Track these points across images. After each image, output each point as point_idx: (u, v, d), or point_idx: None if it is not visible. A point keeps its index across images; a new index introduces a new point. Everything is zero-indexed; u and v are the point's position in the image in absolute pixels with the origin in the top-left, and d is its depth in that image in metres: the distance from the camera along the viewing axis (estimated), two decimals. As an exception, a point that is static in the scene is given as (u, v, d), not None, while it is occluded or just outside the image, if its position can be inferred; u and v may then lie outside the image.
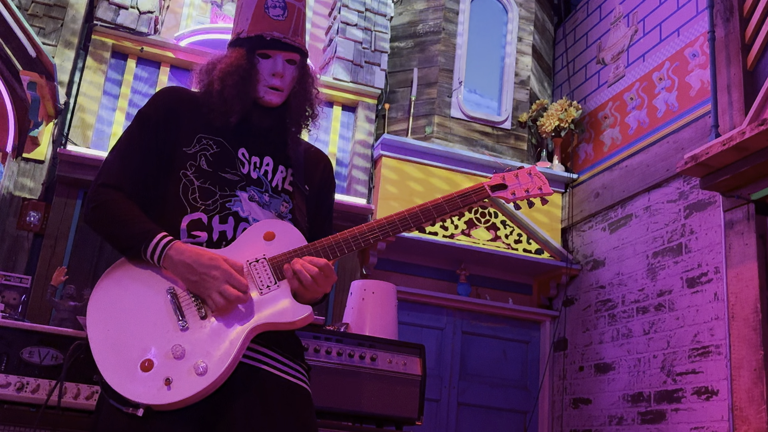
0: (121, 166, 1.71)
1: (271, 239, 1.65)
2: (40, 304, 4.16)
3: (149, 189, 1.71)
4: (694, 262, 4.18)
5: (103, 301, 1.60)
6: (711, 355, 3.93)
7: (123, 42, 4.96)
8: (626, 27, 5.37)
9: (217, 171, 1.70)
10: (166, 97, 1.79)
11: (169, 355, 1.51)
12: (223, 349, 1.52)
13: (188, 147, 1.72)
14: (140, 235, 1.60)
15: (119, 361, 1.52)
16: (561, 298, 5.40)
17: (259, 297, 1.59)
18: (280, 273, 1.61)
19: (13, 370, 3.08)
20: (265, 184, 1.76)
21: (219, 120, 1.74)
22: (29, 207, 4.48)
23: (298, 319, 1.58)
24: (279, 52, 1.76)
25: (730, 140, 3.53)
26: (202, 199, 1.67)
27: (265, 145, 1.80)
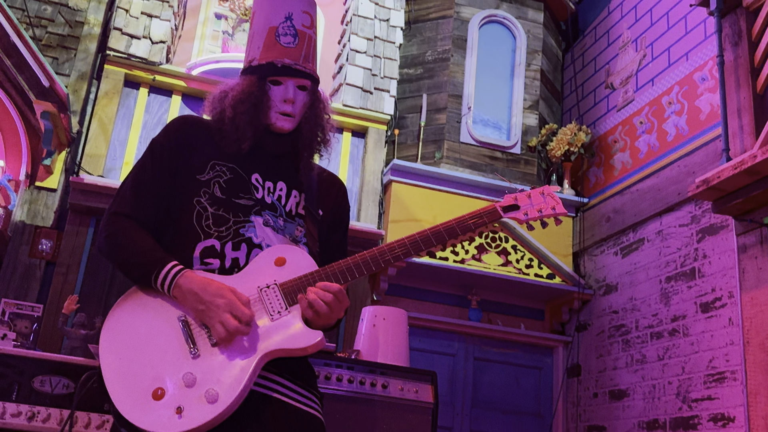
0: (134, 194, 1.73)
1: (282, 264, 1.65)
2: (52, 332, 4.17)
3: (163, 217, 1.73)
4: (707, 286, 4.15)
5: (116, 330, 1.61)
6: (727, 381, 3.88)
7: (135, 71, 5.02)
8: (635, 52, 5.39)
9: (231, 197, 1.71)
10: (179, 126, 1.81)
11: (181, 384, 1.51)
12: (234, 376, 1.51)
13: (202, 174, 1.73)
14: (151, 264, 1.61)
15: (131, 389, 1.52)
16: (574, 323, 5.36)
17: (270, 323, 1.59)
18: (292, 299, 1.61)
19: (25, 399, 3.08)
20: (279, 208, 1.77)
21: (231, 147, 1.76)
22: (41, 235, 4.50)
23: (310, 345, 1.57)
24: (290, 78, 1.78)
25: (742, 164, 3.52)
26: (215, 225, 1.68)
27: (279, 171, 1.81)
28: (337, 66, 5.74)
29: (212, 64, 5.05)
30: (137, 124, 5.00)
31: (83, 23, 5.02)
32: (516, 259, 5.25)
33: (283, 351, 1.57)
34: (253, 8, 1.90)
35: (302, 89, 1.81)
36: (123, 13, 5.09)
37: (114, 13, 5.10)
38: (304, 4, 1.87)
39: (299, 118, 1.82)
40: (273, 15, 1.83)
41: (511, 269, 5.22)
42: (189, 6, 5.58)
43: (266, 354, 1.55)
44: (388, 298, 5.05)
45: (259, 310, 1.60)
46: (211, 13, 5.60)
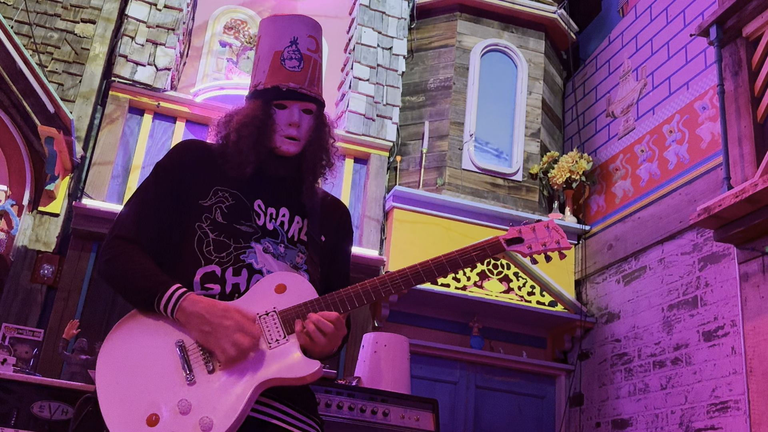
0: (135, 218, 1.72)
1: (282, 291, 1.64)
2: (52, 357, 4.15)
3: (164, 241, 1.72)
4: (710, 315, 4.13)
5: (113, 354, 1.60)
6: (730, 410, 3.85)
7: (140, 98, 5.06)
8: (635, 81, 5.43)
9: (232, 223, 1.71)
10: (183, 151, 1.81)
11: (176, 410, 1.49)
12: (229, 404, 1.50)
13: (204, 200, 1.73)
14: (154, 288, 1.60)
15: (126, 414, 1.51)
16: (576, 351, 5.33)
17: (269, 351, 1.57)
18: (290, 327, 1.60)
19: (24, 425, 3.06)
20: (281, 235, 1.76)
21: (235, 171, 1.75)
22: (43, 260, 4.51)
23: (307, 375, 1.55)
24: (295, 102, 1.78)
25: (743, 192, 3.52)
26: (216, 251, 1.68)
27: (282, 196, 1.80)
28: (340, 93, 5.78)
29: (216, 90, 5.09)
30: (141, 150, 5.02)
31: (89, 50, 5.07)
32: (518, 286, 5.24)
33: (279, 380, 1.55)
34: (259, 33, 1.90)
35: (307, 113, 1.80)
36: (128, 40, 5.14)
37: (119, 41, 5.16)
38: (309, 28, 1.89)
39: (304, 142, 1.80)
40: (278, 39, 1.83)
41: (513, 296, 5.21)
42: (194, 34, 5.64)
43: (263, 383, 1.53)
44: (389, 325, 5.03)
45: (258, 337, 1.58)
46: (216, 40, 5.66)
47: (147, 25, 5.23)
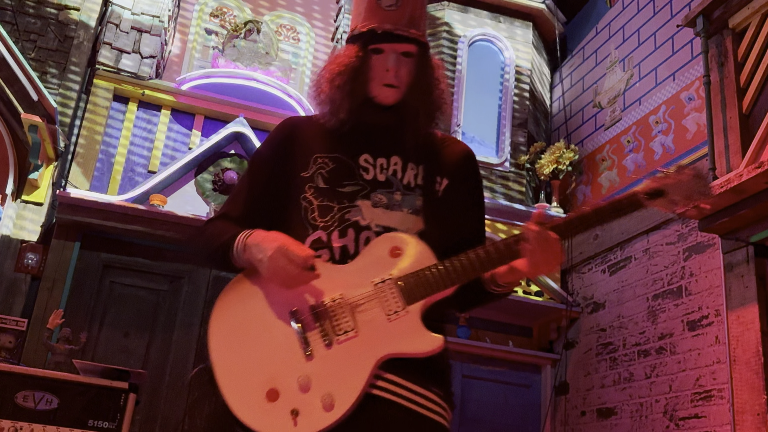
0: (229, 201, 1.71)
1: (397, 255, 1.50)
2: (36, 347, 4.12)
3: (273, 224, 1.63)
4: (694, 304, 4.16)
5: (226, 322, 1.53)
6: (714, 399, 3.88)
7: (124, 86, 5.01)
8: (622, 71, 5.44)
9: (335, 186, 1.61)
10: (278, 132, 1.74)
11: (296, 386, 1.42)
12: (349, 381, 1.42)
13: (305, 171, 1.65)
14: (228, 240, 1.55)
15: (244, 389, 1.45)
16: (561, 341, 5.36)
17: (386, 323, 1.46)
18: (409, 296, 1.47)
19: (8, 415, 3.04)
20: (395, 183, 1.63)
21: (330, 122, 1.66)
22: (27, 249, 4.47)
23: (429, 350, 1.44)
24: (392, 45, 1.63)
25: (728, 182, 3.54)
26: (320, 216, 1.59)
27: (391, 145, 1.67)
28: (327, 82, 5.75)
29: (202, 79, 5.05)
30: (125, 139, 4.98)
31: (73, 37, 5.02)
32: (504, 276, 5.25)
33: (399, 354, 1.44)
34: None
35: (407, 56, 1.65)
36: (113, 27, 5.09)
37: (104, 28, 5.11)
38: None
39: (404, 88, 1.65)
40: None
41: (499, 286, 5.21)
42: (179, 21, 5.59)
43: (382, 357, 1.44)
44: (376, 315, 5.02)
45: (375, 308, 1.47)
46: (202, 28, 5.61)
47: (132, 13, 5.18)
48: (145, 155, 5.01)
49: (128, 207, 4.46)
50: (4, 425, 3.01)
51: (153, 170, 4.95)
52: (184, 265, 4.72)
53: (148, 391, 4.31)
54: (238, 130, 4.96)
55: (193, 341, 4.56)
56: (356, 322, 1.46)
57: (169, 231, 4.53)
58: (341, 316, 1.47)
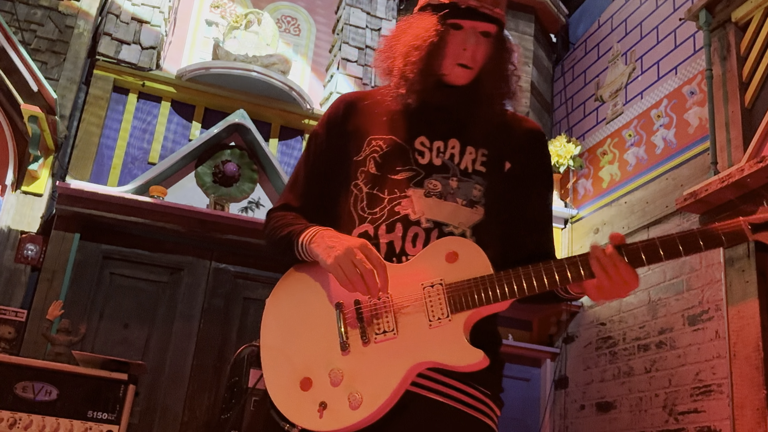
0: (289, 189, 1.67)
1: (453, 261, 1.42)
2: (36, 338, 4.12)
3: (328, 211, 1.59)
4: (695, 299, 4.16)
5: (279, 307, 1.53)
6: (713, 394, 3.88)
7: (125, 77, 4.99)
8: (624, 65, 5.42)
9: (386, 173, 1.52)
10: (333, 111, 1.66)
11: (327, 379, 1.41)
12: (380, 383, 1.37)
13: (358, 154, 1.57)
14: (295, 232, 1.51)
15: (282, 373, 1.45)
16: (561, 334, 5.36)
17: (428, 329, 1.39)
18: (456, 304, 1.39)
19: (7, 406, 3.04)
20: (452, 168, 1.53)
21: (396, 103, 1.56)
22: (27, 240, 4.46)
23: (468, 365, 1.36)
24: (474, 22, 1.52)
25: (729, 177, 3.53)
26: (369, 207, 1.51)
27: (450, 127, 1.56)
28: (329, 75, 5.73)
29: (202, 70, 5.03)
30: (126, 130, 4.97)
31: (73, 28, 5.00)
32: (504, 269, 5.25)
33: (437, 364, 1.38)
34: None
35: (486, 35, 1.54)
36: (113, 18, 5.07)
37: (104, 19, 5.09)
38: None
39: (477, 70, 1.55)
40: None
41: (499, 280, 5.21)
42: (180, 12, 5.56)
43: (419, 364, 1.38)
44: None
45: (419, 312, 1.40)
46: (202, 19, 5.59)
47: (132, 3, 5.15)
48: (145, 146, 5.00)
49: (128, 198, 4.46)
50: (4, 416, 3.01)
51: (153, 162, 4.94)
52: (184, 257, 4.71)
53: (147, 382, 4.31)
54: (238, 121, 4.95)
55: (193, 333, 4.56)
56: (397, 324, 1.41)
57: (169, 222, 4.52)
58: (384, 315, 1.42)
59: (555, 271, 1.38)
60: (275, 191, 5.10)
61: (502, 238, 1.53)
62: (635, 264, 1.35)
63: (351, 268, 1.38)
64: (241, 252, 4.76)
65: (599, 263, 1.35)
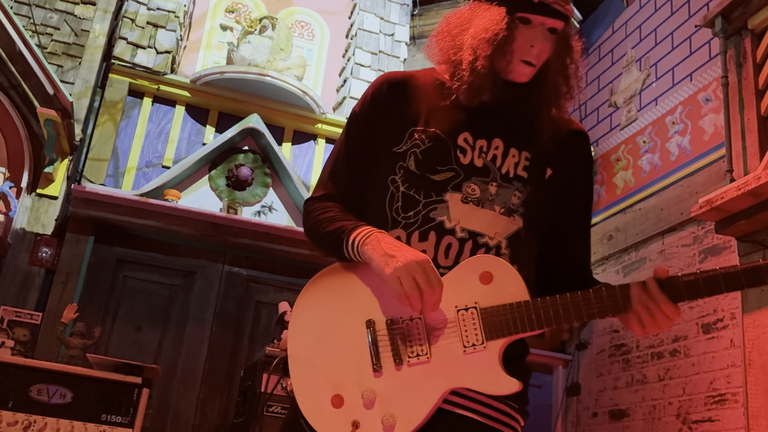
0: (328, 177, 1.57)
1: (488, 282, 1.37)
2: (50, 340, 4.15)
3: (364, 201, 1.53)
4: (709, 307, 4.13)
5: (306, 316, 1.48)
6: (728, 403, 3.85)
7: (139, 81, 5.02)
8: (638, 71, 5.40)
9: (426, 173, 1.45)
10: (375, 91, 1.55)
11: (360, 399, 1.39)
12: (413, 406, 1.35)
13: (398, 146, 1.49)
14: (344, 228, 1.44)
15: (312, 387, 1.43)
16: (574, 341, 5.33)
17: (462, 355, 1.35)
18: (491, 332, 1.35)
19: (21, 408, 3.06)
20: (493, 171, 1.46)
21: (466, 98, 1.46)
22: (42, 243, 4.49)
23: (502, 393, 1.36)
24: (544, 18, 1.44)
25: (746, 185, 3.51)
26: (404, 210, 1.45)
27: (495, 125, 1.49)
28: (342, 79, 5.75)
29: (217, 75, 5.05)
30: (140, 134, 5.00)
31: (89, 32, 5.03)
32: (517, 275, 5.23)
33: (470, 391, 1.36)
34: None
35: (552, 32, 1.47)
36: (129, 22, 5.11)
37: (120, 23, 5.12)
38: None
39: (539, 67, 1.48)
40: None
41: (511, 286, 5.20)
42: (195, 17, 5.59)
43: (452, 389, 1.36)
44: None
45: (452, 336, 1.37)
46: (217, 24, 5.62)
47: (147, 8, 5.19)
48: (160, 150, 5.02)
49: (142, 202, 4.48)
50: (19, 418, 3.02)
51: (167, 165, 4.96)
52: (197, 261, 4.73)
53: (160, 385, 4.33)
54: (251, 125, 4.97)
55: (205, 336, 4.57)
56: (430, 347, 1.37)
57: (183, 226, 4.54)
58: (416, 337, 1.38)
59: (594, 304, 1.34)
60: (288, 195, 5.11)
61: (539, 248, 1.49)
62: (677, 300, 1.32)
63: (411, 283, 1.32)
64: (253, 256, 4.77)
65: (640, 302, 1.32)
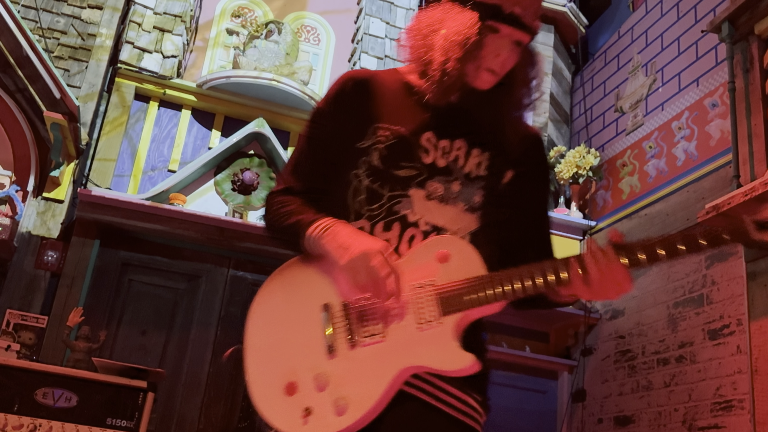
0: (291, 172, 1.59)
1: (444, 261, 1.39)
2: (55, 344, 4.15)
3: (327, 195, 1.55)
4: (716, 313, 4.11)
5: (264, 307, 1.49)
6: (734, 409, 3.83)
7: (146, 85, 5.03)
8: (644, 76, 5.40)
9: (389, 168, 1.48)
10: (340, 87, 1.57)
11: (313, 383, 1.37)
12: (367, 388, 1.34)
13: (362, 141, 1.51)
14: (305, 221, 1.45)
15: (266, 376, 1.41)
16: (579, 347, 5.32)
17: (417, 332, 1.36)
18: (446, 306, 1.36)
19: (27, 412, 3.06)
20: (456, 171, 1.50)
21: (434, 98, 1.49)
22: (47, 246, 4.50)
23: (455, 369, 1.34)
24: (513, 30, 1.48)
25: (753, 191, 3.50)
26: (368, 203, 1.48)
27: (458, 126, 1.53)
28: (347, 84, 5.75)
29: (223, 79, 5.06)
30: (146, 138, 5.01)
31: (95, 36, 5.05)
32: (522, 281, 5.22)
33: (426, 369, 1.35)
34: None
35: (518, 45, 1.51)
36: (135, 26, 5.12)
37: (126, 27, 5.13)
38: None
39: (501, 77, 1.52)
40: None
41: (517, 291, 5.18)
42: (201, 21, 5.61)
43: (407, 369, 1.35)
44: (392, 318, 5.01)
45: (407, 314, 1.37)
46: (223, 28, 5.63)
47: (154, 12, 5.20)
48: (165, 154, 5.03)
49: (148, 206, 4.48)
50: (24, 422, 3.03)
51: (173, 169, 4.97)
52: (203, 264, 4.73)
53: (164, 389, 4.32)
54: (257, 130, 4.97)
55: (210, 340, 4.57)
56: (386, 326, 1.38)
57: (188, 230, 4.54)
58: (371, 317, 1.39)
59: (549, 271, 1.35)
60: (293, 200, 5.11)
61: (501, 245, 1.51)
62: (633, 263, 1.32)
63: (364, 274, 1.34)
64: (258, 260, 4.77)
65: (594, 259, 1.33)
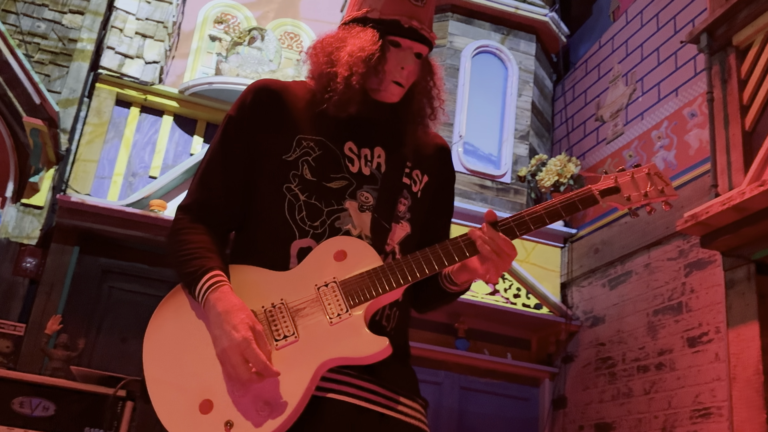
0: (199, 183, 1.55)
1: (342, 259, 1.44)
2: (33, 352, 4.10)
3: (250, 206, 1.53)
4: (695, 321, 4.15)
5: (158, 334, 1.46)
6: (713, 416, 3.87)
7: (127, 91, 5.01)
8: (625, 86, 5.45)
9: (322, 180, 1.50)
10: (256, 95, 1.56)
11: (228, 396, 1.35)
12: (288, 389, 1.34)
13: (288, 154, 1.51)
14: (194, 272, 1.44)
15: (177, 403, 1.39)
16: (560, 354, 5.34)
17: (329, 327, 1.39)
18: (353, 299, 1.41)
19: (3, 421, 3.02)
20: (380, 179, 1.55)
21: (335, 110, 1.53)
22: (26, 253, 4.45)
23: (374, 354, 1.38)
24: (413, 42, 1.56)
25: (730, 200, 3.54)
26: (309, 219, 1.48)
27: (375, 135, 1.59)
28: (330, 91, 5.75)
29: (205, 85, 5.04)
30: (127, 144, 4.98)
31: (76, 41, 5.02)
32: (504, 288, 5.24)
33: (343, 359, 1.38)
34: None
35: (418, 57, 1.59)
36: (117, 32, 5.09)
37: (108, 32, 5.11)
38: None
39: (407, 89, 1.60)
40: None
41: (498, 298, 5.21)
42: (183, 27, 5.59)
43: (325, 363, 1.36)
44: (374, 325, 5.00)
45: (317, 312, 1.40)
46: (206, 34, 5.61)
47: (136, 18, 5.18)
48: (147, 160, 5.00)
49: (128, 212, 4.45)
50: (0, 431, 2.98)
51: (154, 176, 4.94)
52: (183, 272, 4.70)
53: (144, 397, 4.28)
54: (240, 137, 4.96)
55: (190, 348, 4.54)
56: (297, 327, 1.40)
57: (169, 237, 4.51)
58: (281, 320, 1.40)
59: (442, 253, 1.46)
60: (275, 207, 5.10)
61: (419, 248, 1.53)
62: (510, 235, 1.48)
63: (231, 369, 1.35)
64: (240, 267, 4.75)
65: (482, 238, 1.45)
